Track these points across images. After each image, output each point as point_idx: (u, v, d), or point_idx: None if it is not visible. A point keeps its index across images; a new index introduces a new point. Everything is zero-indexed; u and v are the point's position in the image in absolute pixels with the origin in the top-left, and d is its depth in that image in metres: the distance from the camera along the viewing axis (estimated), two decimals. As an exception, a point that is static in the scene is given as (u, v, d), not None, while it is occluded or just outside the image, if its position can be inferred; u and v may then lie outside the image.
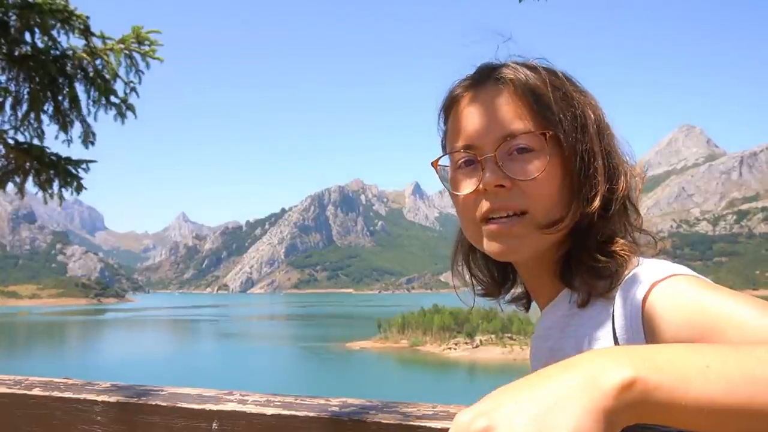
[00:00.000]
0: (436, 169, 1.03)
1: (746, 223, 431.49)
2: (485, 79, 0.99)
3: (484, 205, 0.94)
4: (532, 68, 0.99)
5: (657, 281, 0.82)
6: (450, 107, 1.04)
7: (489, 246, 0.96)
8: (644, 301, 0.81)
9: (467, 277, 1.14)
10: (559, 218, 0.93)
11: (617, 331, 0.85)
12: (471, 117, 0.98)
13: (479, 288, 1.14)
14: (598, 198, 0.93)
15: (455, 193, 1.00)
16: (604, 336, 0.88)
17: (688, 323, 0.75)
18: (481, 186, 0.94)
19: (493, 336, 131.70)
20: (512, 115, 0.94)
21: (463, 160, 0.98)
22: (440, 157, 1.03)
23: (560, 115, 0.94)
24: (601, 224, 0.94)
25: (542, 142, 0.93)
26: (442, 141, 1.08)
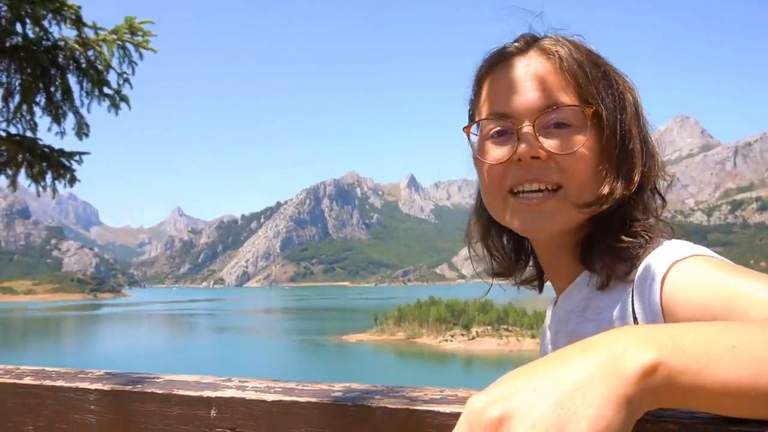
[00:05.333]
0: (468, 135, 1.00)
1: (740, 213, 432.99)
2: (527, 48, 0.97)
3: (516, 176, 0.92)
4: (573, 43, 0.96)
5: (676, 261, 0.80)
6: (487, 74, 1.00)
7: (515, 220, 0.94)
8: (663, 281, 0.80)
9: (484, 254, 1.11)
10: (598, 197, 0.91)
11: (636, 311, 0.84)
12: (510, 86, 0.94)
13: (495, 267, 1.12)
14: (636, 179, 0.92)
15: (483, 160, 0.96)
16: (624, 318, 0.87)
17: (708, 303, 0.73)
18: (515, 156, 0.91)
19: (489, 328, 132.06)
20: (554, 87, 0.92)
21: (496, 129, 0.95)
22: (472, 124, 1.00)
23: (602, 93, 0.92)
24: (628, 208, 0.93)
25: (583, 118, 0.91)
26: (470, 108, 1.05)
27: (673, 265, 0.80)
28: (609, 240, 0.91)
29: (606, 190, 0.91)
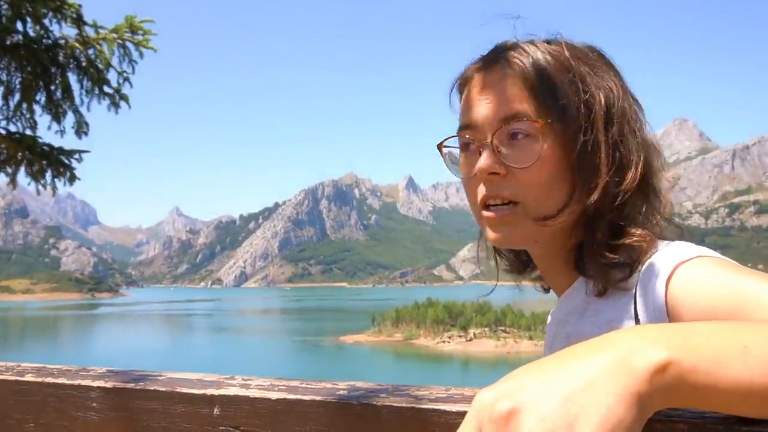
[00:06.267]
0: (440, 151, 1.01)
1: (738, 216, 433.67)
2: (494, 60, 0.95)
3: (481, 191, 0.92)
4: (543, 48, 0.93)
5: (681, 262, 0.79)
6: (462, 87, 1.00)
7: (487, 232, 0.94)
8: (668, 282, 0.79)
9: (494, 255, 1.12)
10: (554, 211, 0.90)
11: (639, 314, 0.83)
12: (475, 99, 0.94)
13: (505, 264, 1.12)
14: (597, 191, 0.88)
15: (455, 175, 0.98)
16: (625, 320, 0.85)
17: (714, 304, 0.72)
18: (475, 172, 0.92)
19: (486, 329, 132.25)
20: (513, 99, 0.90)
21: (464, 142, 0.96)
22: (446, 139, 1.00)
23: (564, 101, 0.89)
24: (610, 216, 0.90)
25: (537, 132, 0.89)
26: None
27: (679, 266, 0.79)
28: (595, 253, 0.90)
29: (562, 201, 0.90)
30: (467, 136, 0.94)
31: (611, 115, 0.91)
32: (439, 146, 1.00)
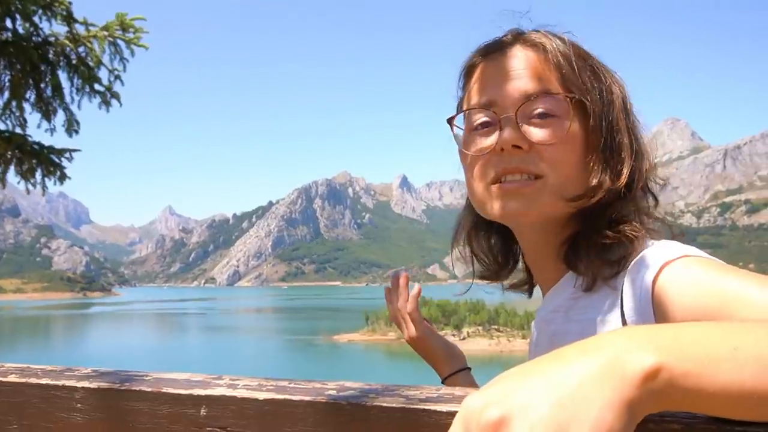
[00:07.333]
0: (451, 126, 1.00)
1: (730, 215, 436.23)
2: (513, 41, 0.96)
3: (499, 166, 0.91)
4: (559, 37, 0.96)
5: (668, 262, 0.79)
6: (474, 67, 1.00)
7: (496, 207, 0.92)
8: (654, 281, 0.79)
9: (470, 256, 1.11)
10: (586, 190, 0.90)
11: (626, 313, 0.83)
12: (494, 76, 0.94)
13: (480, 270, 1.11)
14: (625, 173, 0.90)
15: (467, 152, 0.96)
16: (611, 319, 0.86)
17: (701, 304, 0.72)
18: (498, 145, 0.90)
19: (480, 328, 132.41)
20: (538, 77, 0.91)
21: (480, 121, 0.95)
22: (457, 114, 1.00)
23: (588, 84, 0.91)
24: (617, 206, 0.91)
25: (566, 108, 0.89)
26: (458, 103, 1.05)
27: (665, 266, 0.79)
28: (596, 237, 0.90)
29: (594, 182, 0.90)
30: (487, 112, 0.94)
31: (628, 106, 0.95)
32: (450, 121, 1.00)
